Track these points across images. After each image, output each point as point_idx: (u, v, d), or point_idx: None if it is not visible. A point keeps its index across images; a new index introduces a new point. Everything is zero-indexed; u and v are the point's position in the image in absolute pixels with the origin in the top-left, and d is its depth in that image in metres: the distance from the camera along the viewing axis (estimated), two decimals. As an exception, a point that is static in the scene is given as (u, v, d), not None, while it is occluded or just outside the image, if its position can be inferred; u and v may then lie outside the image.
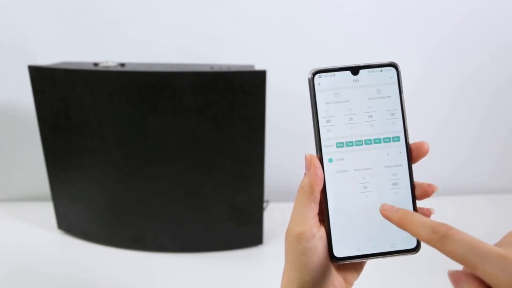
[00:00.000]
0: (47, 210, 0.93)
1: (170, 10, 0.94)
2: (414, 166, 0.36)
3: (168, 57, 0.94)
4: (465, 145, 1.07)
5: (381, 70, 0.35)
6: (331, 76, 0.35)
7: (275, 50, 0.96)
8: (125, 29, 0.95)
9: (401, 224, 0.30)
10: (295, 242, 0.35)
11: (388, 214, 0.31)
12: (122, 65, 0.79)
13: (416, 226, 0.29)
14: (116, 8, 0.93)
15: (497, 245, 0.28)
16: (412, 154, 0.35)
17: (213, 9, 0.94)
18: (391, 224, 0.35)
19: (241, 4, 0.93)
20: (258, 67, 0.76)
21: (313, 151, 0.37)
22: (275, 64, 0.85)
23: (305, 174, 0.35)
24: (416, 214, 0.30)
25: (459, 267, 0.28)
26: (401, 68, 0.36)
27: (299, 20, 0.95)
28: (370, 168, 0.35)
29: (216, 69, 0.74)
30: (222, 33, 0.96)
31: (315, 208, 0.35)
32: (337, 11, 0.95)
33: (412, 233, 0.30)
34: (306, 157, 0.35)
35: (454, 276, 0.28)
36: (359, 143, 0.35)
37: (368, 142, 0.35)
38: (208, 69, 0.73)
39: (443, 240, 0.27)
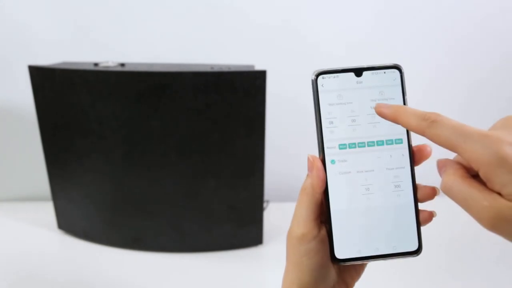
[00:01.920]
0: (47, 210, 0.93)
1: (170, 10, 0.93)
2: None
3: (168, 57, 0.93)
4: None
5: (384, 72, 0.35)
6: (334, 77, 0.35)
7: (275, 50, 0.96)
8: (125, 29, 0.95)
9: (394, 117, 0.31)
10: (297, 243, 0.35)
11: (382, 110, 0.32)
12: (122, 65, 0.79)
13: (408, 116, 0.30)
14: (116, 8, 0.93)
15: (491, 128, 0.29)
16: (415, 157, 0.35)
17: (213, 9, 0.93)
18: (392, 226, 0.35)
19: (241, 4, 0.93)
20: (258, 67, 0.76)
21: (313, 151, 0.37)
22: (275, 64, 0.85)
23: (307, 175, 0.35)
24: (409, 107, 0.31)
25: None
26: (404, 70, 0.36)
27: (300, 20, 0.95)
28: (372, 170, 0.35)
29: (216, 69, 0.74)
30: (222, 33, 0.96)
31: (316, 210, 0.35)
32: (339, 12, 0.95)
33: (403, 123, 0.31)
34: (308, 158, 0.35)
35: (439, 162, 0.30)
36: (361, 145, 0.35)
37: (370, 144, 0.35)
38: (208, 69, 0.73)
39: (431, 125, 0.28)
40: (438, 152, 0.39)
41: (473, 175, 0.28)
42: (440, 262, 0.80)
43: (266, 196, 0.90)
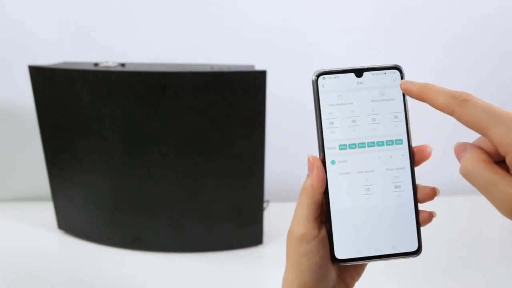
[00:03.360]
0: (47, 210, 0.93)
1: (170, 10, 0.93)
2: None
3: (168, 57, 0.93)
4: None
5: (385, 73, 0.35)
6: (335, 78, 0.35)
7: (275, 50, 0.96)
8: (125, 29, 0.95)
9: (421, 94, 0.31)
10: (297, 243, 0.35)
11: (407, 87, 0.32)
12: (122, 65, 0.79)
13: (436, 93, 0.30)
14: (116, 8, 0.93)
15: None
16: (415, 157, 0.36)
17: (213, 9, 0.93)
18: (392, 226, 0.35)
19: (241, 4, 0.93)
20: (258, 67, 0.76)
21: (313, 151, 0.37)
22: (275, 64, 0.85)
23: (307, 175, 0.35)
24: (436, 85, 0.30)
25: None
26: (405, 71, 0.36)
27: (300, 20, 0.95)
28: (373, 171, 0.35)
29: (216, 69, 0.74)
30: (222, 33, 0.96)
31: (317, 210, 0.35)
32: (339, 12, 0.95)
33: (431, 100, 0.30)
34: (309, 158, 0.35)
35: (458, 146, 0.29)
36: (362, 145, 0.35)
37: (371, 144, 0.35)
38: (208, 69, 0.73)
39: (462, 104, 0.27)
40: (438, 151, 0.39)
41: (496, 161, 0.27)
42: (440, 263, 0.80)
43: (266, 196, 0.90)
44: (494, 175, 0.26)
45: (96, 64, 0.78)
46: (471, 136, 0.30)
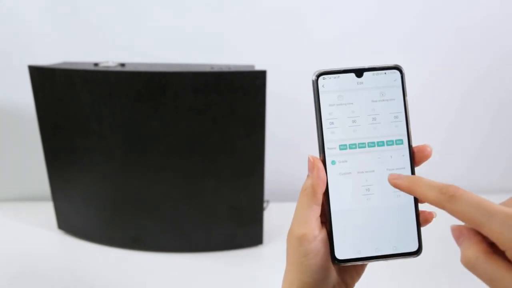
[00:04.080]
0: (47, 210, 0.93)
1: (170, 10, 0.93)
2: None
3: (168, 57, 0.93)
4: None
5: (385, 73, 0.35)
6: (335, 78, 0.35)
7: (275, 50, 0.96)
8: (126, 29, 0.95)
9: (410, 189, 0.31)
10: (297, 244, 0.35)
11: (396, 182, 0.32)
12: (122, 65, 0.79)
13: (424, 189, 0.29)
14: (117, 8, 0.93)
15: (503, 204, 0.28)
16: (415, 157, 0.36)
17: (213, 9, 0.93)
18: (392, 226, 0.35)
19: (241, 4, 0.93)
20: (258, 67, 0.76)
21: (313, 151, 0.37)
22: (275, 64, 0.85)
23: (308, 176, 0.35)
24: (424, 178, 0.30)
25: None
26: (405, 71, 0.36)
27: (300, 20, 0.95)
28: (373, 171, 0.35)
29: (216, 69, 0.74)
30: (222, 33, 0.95)
31: (317, 210, 0.35)
32: (339, 11, 0.95)
33: (420, 196, 0.30)
34: (309, 158, 0.35)
35: (456, 230, 0.28)
36: (362, 145, 0.35)
37: (371, 144, 0.35)
38: (208, 69, 0.73)
39: (450, 200, 0.27)
40: (438, 150, 0.39)
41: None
42: (440, 263, 0.80)
43: (266, 196, 0.90)
44: (498, 268, 0.25)
45: (96, 64, 0.78)
46: (470, 135, 0.30)
